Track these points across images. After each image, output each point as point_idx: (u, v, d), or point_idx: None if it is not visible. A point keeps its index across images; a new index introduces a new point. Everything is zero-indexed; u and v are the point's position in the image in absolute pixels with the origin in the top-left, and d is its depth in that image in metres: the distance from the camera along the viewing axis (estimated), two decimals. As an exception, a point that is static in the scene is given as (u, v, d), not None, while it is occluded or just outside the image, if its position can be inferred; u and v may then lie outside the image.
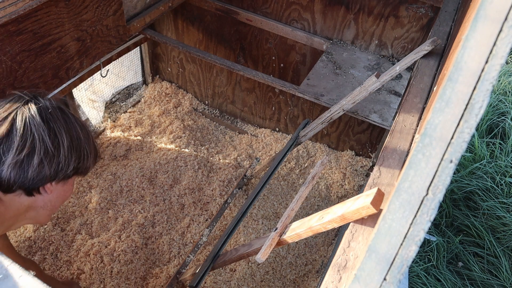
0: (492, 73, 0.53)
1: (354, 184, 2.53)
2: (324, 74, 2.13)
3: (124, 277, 1.95)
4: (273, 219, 2.33)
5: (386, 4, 2.06)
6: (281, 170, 2.58)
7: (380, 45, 2.23)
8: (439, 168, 0.56)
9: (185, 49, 2.25)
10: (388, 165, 1.03)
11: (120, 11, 1.84)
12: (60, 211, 2.13)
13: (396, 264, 0.56)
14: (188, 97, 3.01)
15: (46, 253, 1.99)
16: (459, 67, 0.56)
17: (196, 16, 2.60)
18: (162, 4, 2.18)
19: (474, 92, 0.54)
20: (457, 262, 2.44)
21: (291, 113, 2.73)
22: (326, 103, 1.97)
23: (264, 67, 2.65)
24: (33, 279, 0.60)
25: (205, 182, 2.38)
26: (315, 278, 2.10)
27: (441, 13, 1.74)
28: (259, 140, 2.81)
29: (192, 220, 2.23)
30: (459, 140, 0.55)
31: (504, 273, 2.35)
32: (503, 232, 2.51)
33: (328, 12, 2.22)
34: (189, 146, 2.60)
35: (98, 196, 2.22)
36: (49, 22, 1.50)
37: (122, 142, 2.57)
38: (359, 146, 2.65)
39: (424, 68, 1.41)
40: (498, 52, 0.53)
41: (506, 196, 2.66)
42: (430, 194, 0.57)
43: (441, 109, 0.57)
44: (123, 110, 2.85)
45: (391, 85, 2.10)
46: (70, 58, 1.68)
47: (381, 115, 1.92)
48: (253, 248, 1.33)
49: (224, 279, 2.01)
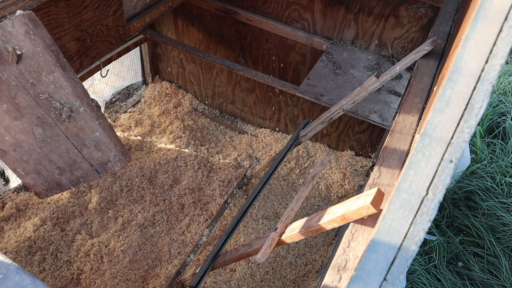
0: (492, 73, 0.53)
1: (354, 184, 2.53)
2: (324, 74, 2.13)
3: (124, 277, 1.95)
4: (273, 219, 2.33)
5: (386, 4, 2.06)
6: (281, 170, 2.58)
7: (380, 45, 2.23)
8: (439, 168, 0.56)
9: (185, 49, 2.25)
10: (388, 165, 1.03)
11: (120, 11, 1.84)
12: (60, 211, 2.13)
13: (396, 264, 0.56)
14: (188, 97, 3.01)
15: (46, 253, 1.99)
16: (459, 67, 0.56)
17: (196, 16, 2.60)
18: (162, 4, 2.18)
19: (474, 92, 0.54)
20: (457, 262, 2.44)
21: (291, 113, 2.73)
22: (326, 103, 1.97)
23: (264, 67, 2.65)
24: (33, 279, 0.60)
25: (205, 182, 2.38)
26: (315, 278, 2.10)
27: (441, 13, 1.74)
28: (259, 140, 2.81)
29: (192, 220, 2.23)
30: (459, 140, 0.55)
31: (504, 273, 2.35)
32: (503, 232, 2.50)
33: (328, 12, 2.22)
34: (189, 146, 2.60)
35: (98, 196, 2.22)
36: (49, 22, 1.50)
37: (122, 142, 2.57)
38: (359, 146, 2.65)
39: (424, 68, 1.41)
40: (498, 52, 0.53)
41: (506, 196, 2.66)
42: (430, 194, 0.57)
43: (441, 109, 0.57)
44: (123, 110, 2.85)
45: (391, 85, 2.09)
46: (70, 58, 1.68)
47: (381, 115, 1.92)
48: (253, 248, 1.33)
49: (224, 279, 2.01)
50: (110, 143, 1.26)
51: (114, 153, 1.28)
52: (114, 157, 1.29)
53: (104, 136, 1.25)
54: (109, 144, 1.26)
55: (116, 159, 1.29)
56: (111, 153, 1.28)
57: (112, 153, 1.28)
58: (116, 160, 1.30)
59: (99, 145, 1.26)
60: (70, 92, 1.18)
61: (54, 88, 1.17)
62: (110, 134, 1.27)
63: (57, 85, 1.16)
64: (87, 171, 1.33)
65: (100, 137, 1.24)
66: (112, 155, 1.28)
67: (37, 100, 1.18)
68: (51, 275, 1.93)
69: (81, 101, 1.20)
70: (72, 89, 1.18)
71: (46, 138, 1.25)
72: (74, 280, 1.94)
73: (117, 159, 1.30)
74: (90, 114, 1.21)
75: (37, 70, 1.14)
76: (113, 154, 1.28)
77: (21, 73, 1.14)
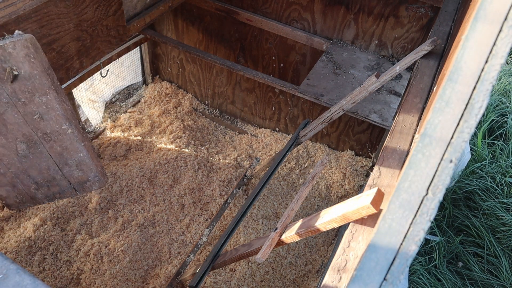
0: (492, 73, 0.53)
1: (354, 184, 2.53)
2: (324, 74, 2.13)
3: (124, 277, 1.95)
4: (273, 219, 2.33)
5: (386, 4, 2.06)
6: (281, 170, 2.58)
7: (380, 45, 2.23)
8: (439, 168, 0.56)
9: (185, 49, 2.25)
10: (388, 165, 1.03)
11: (120, 11, 1.83)
12: (60, 211, 2.13)
13: (396, 264, 0.56)
14: (188, 97, 3.01)
15: (46, 253, 1.99)
16: (459, 67, 0.56)
17: (196, 16, 2.60)
18: (162, 4, 2.18)
19: (474, 92, 0.54)
20: (457, 262, 2.44)
21: (291, 113, 2.73)
22: (326, 103, 1.97)
23: (264, 67, 2.65)
24: (33, 279, 0.60)
25: (205, 182, 2.38)
26: (315, 278, 2.10)
27: (441, 13, 1.74)
28: (259, 140, 2.81)
29: (192, 220, 2.23)
30: (459, 140, 0.55)
31: (504, 273, 2.35)
32: (503, 232, 2.50)
33: (328, 12, 2.22)
34: (189, 146, 2.60)
35: (98, 196, 2.21)
36: (49, 22, 1.50)
37: (122, 142, 2.57)
38: (359, 146, 2.65)
39: (424, 68, 1.41)
40: (498, 52, 0.53)
41: (506, 196, 2.66)
42: (430, 194, 0.57)
43: (441, 109, 0.57)
44: (123, 110, 2.85)
45: (391, 85, 2.09)
46: (70, 58, 1.68)
47: (381, 115, 1.92)
48: (253, 248, 1.33)
49: (224, 279, 2.01)
50: (92, 164, 1.31)
51: (95, 174, 1.33)
52: (93, 177, 1.33)
53: (87, 158, 1.29)
54: (91, 165, 1.31)
55: (96, 179, 1.34)
56: (91, 174, 1.33)
57: (93, 174, 1.33)
58: (95, 180, 1.35)
59: (81, 165, 1.30)
60: (60, 114, 1.22)
61: (45, 109, 1.20)
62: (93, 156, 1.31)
63: (49, 106, 1.20)
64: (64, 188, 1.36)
65: (83, 158, 1.28)
66: (92, 175, 1.33)
67: (26, 118, 1.21)
68: (51, 275, 1.93)
69: (70, 123, 1.24)
70: (63, 112, 1.21)
71: (29, 154, 1.27)
72: (74, 280, 1.94)
73: (96, 179, 1.34)
74: (77, 136, 1.25)
75: (31, 90, 1.17)
76: (93, 175, 1.33)
77: (14, 92, 1.17)
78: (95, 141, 2.58)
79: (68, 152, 1.26)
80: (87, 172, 1.30)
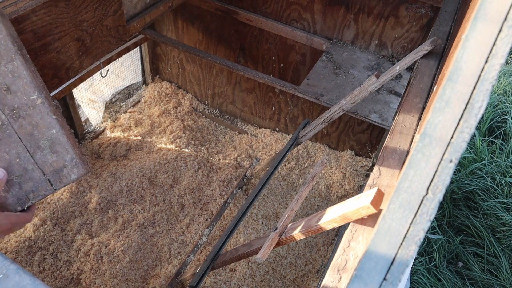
0: (491, 73, 0.53)
1: (354, 184, 2.53)
2: (324, 74, 2.13)
3: (124, 277, 1.95)
4: (273, 219, 2.33)
5: (386, 4, 2.06)
6: (281, 170, 2.58)
7: (380, 45, 2.23)
8: (439, 167, 0.56)
9: (185, 49, 2.25)
10: (388, 165, 1.03)
11: (120, 11, 1.83)
12: (60, 211, 2.13)
13: (396, 264, 0.56)
14: (188, 97, 3.01)
15: (46, 253, 1.99)
16: (459, 67, 0.56)
17: (196, 16, 2.60)
18: (162, 4, 2.18)
19: (473, 92, 0.54)
20: (457, 262, 2.44)
21: (291, 113, 2.73)
22: (326, 103, 1.97)
23: (264, 67, 2.65)
24: (33, 279, 0.60)
25: (205, 182, 2.38)
26: (315, 278, 2.10)
27: (441, 13, 1.74)
28: (259, 140, 2.81)
29: (192, 220, 2.23)
30: (459, 140, 0.55)
31: (504, 273, 2.35)
32: (503, 232, 2.51)
33: (328, 12, 2.22)
34: (189, 146, 2.60)
35: (98, 196, 2.22)
36: (49, 22, 1.50)
37: (122, 142, 2.57)
38: (359, 146, 2.65)
39: (424, 68, 1.41)
40: (498, 52, 0.53)
41: (506, 196, 2.66)
42: (430, 193, 0.57)
43: (441, 109, 0.57)
44: (123, 110, 2.85)
45: (391, 85, 2.09)
46: (70, 58, 1.68)
47: (381, 115, 1.92)
48: (253, 248, 1.33)
49: (224, 279, 2.01)
50: (67, 143, 1.12)
51: (71, 156, 1.13)
52: (71, 160, 1.13)
53: (60, 134, 1.12)
54: (66, 145, 1.12)
55: (73, 163, 1.14)
56: (67, 156, 1.13)
57: (69, 156, 1.13)
58: (73, 165, 1.14)
59: (54, 145, 1.12)
60: (28, 82, 1.08)
61: (12, 78, 1.07)
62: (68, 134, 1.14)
63: (16, 75, 1.07)
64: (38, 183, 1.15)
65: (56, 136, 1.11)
66: (69, 158, 1.13)
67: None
68: (51, 275, 1.93)
69: (40, 92, 1.09)
70: (31, 79, 1.08)
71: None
72: (74, 280, 1.94)
73: (74, 164, 1.14)
74: (48, 108, 1.10)
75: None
76: (69, 157, 1.13)
77: None
78: (95, 141, 2.58)
79: (39, 130, 1.10)
80: (63, 154, 1.12)
